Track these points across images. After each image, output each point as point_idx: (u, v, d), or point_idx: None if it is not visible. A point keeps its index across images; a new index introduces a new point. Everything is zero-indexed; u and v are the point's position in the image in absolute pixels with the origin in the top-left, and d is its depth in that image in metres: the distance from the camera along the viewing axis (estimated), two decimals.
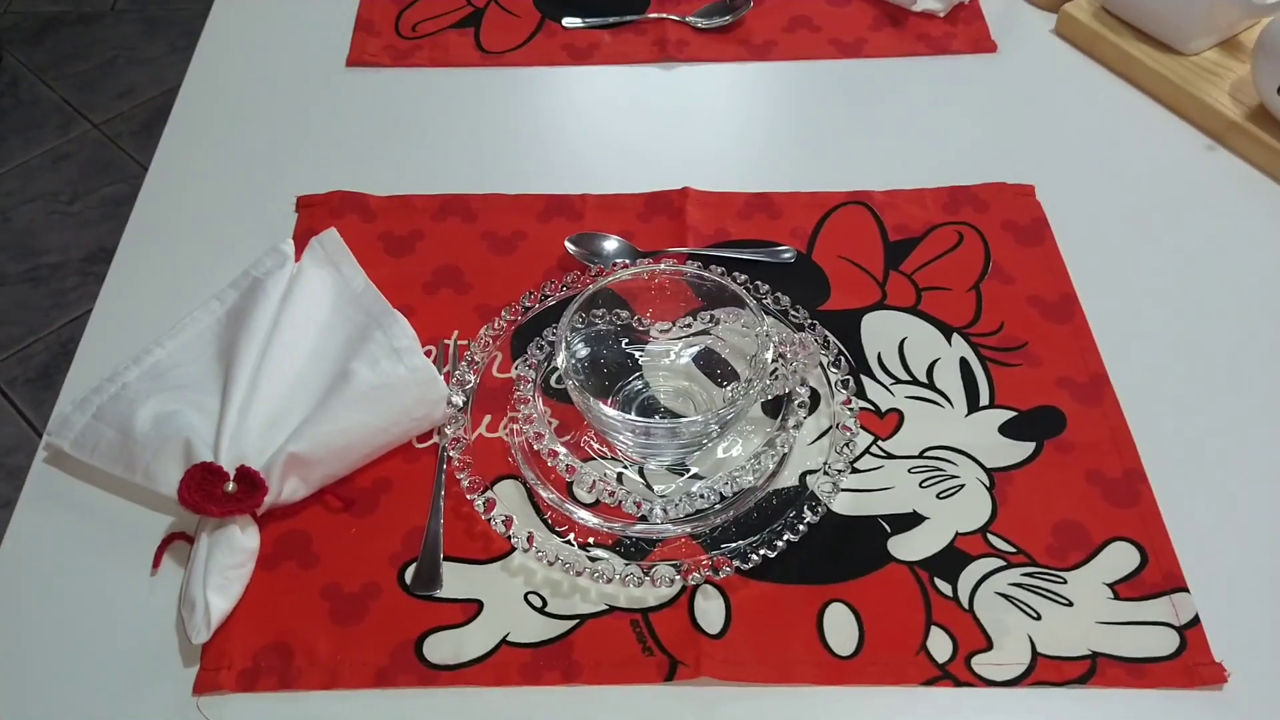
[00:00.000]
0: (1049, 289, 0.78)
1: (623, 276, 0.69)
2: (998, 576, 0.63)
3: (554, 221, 0.83)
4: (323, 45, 0.99)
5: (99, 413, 0.68)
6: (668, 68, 0.97)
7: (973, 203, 0.84)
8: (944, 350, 0.74)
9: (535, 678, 0.59)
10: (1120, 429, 0.70)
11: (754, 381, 0.64)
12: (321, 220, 0.83)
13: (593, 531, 0.65)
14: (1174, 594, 0.62)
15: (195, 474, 0.63)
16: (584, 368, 0.70)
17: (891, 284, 0.79)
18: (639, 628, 0.61)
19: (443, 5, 1.03)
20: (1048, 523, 0.65)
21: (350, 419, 0.66)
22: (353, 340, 0.72)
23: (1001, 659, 0.60)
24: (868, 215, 0.83)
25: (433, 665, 0.60)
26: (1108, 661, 0.59)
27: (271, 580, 0.63)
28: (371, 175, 0.87)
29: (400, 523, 0.66)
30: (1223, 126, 0.88)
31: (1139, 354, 0.74)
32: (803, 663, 0.60)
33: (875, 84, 0.95)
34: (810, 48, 0.99)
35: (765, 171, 0.87)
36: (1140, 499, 0.66)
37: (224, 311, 0.75)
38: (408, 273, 0.79)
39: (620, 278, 0.69)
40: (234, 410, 0.67)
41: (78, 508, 0.67)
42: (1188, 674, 0.59)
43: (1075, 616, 0.61)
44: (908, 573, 0.63)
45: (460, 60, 0.98)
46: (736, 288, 0.68)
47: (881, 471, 0.68)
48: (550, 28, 1.01)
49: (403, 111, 0.93)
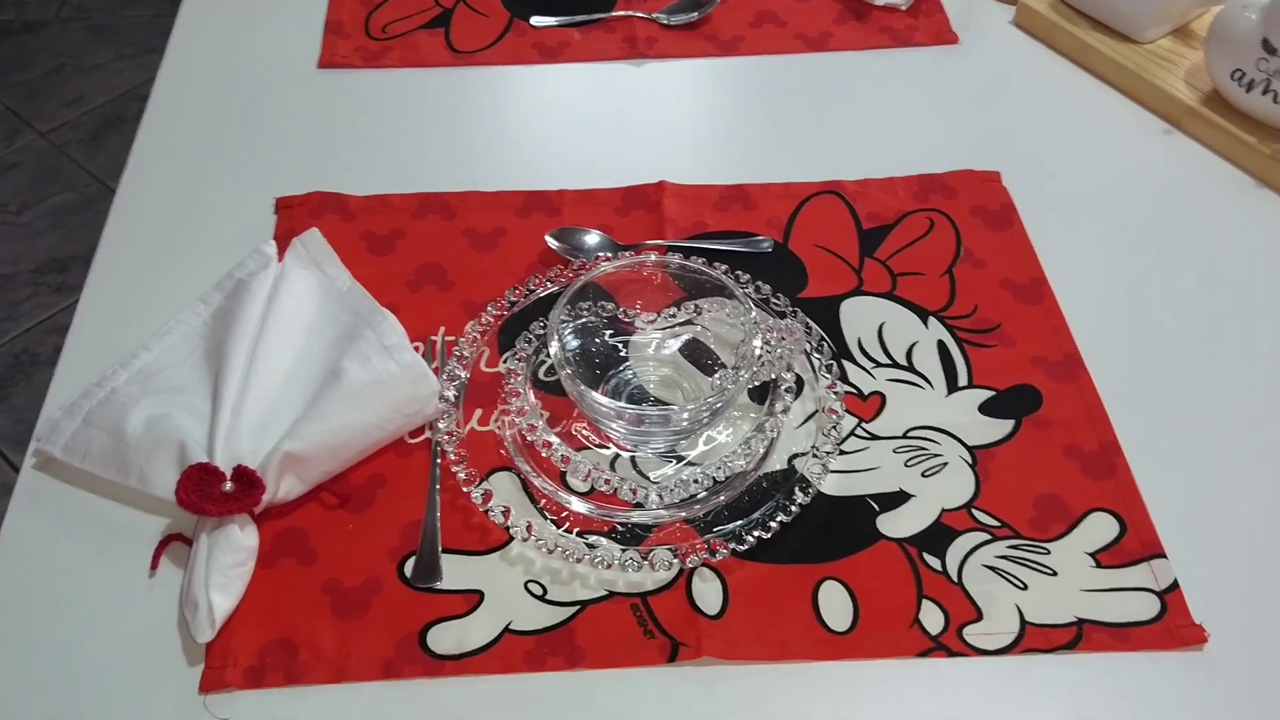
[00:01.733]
0: (1019, 272, 0.80)
1: (608, 270, 0.70)
2: (984, 550, 0.65)
3: (533, 217, 0.84)
4: (293, 48, 0.99)
5: (89, 417, 0.68)
6: (638, 64, 0.98)
7: (942, 190, 0.86)
8: (921, 333, 0.76)
9: (539, 664, 0.60)
10: (1094, 404, 0.72)
11: (743, 369, 0.65)
12: (301, 221, 0.83)
13: (589, 519, 0.66)
14: (1153, 560, 0.64)
15: (192, 475, 0.63)
16: (574, 359, 0.71)
17: (867, 270, 0.80)
18: (639, 611, 0.62)
19: (412, 6, 1.04)
20: (1029, 496, 0.68)
21: (344, 416, 0.67)
22: (341, 339, 0.73)
23: (992, 629, 0.62)
24: (841, 204, 0.85)
25: (438, 655, 0.61)
26: (1093, 627, 0.62)
27: (272, 578, 0.64)
28: (349, 176, 0.87)
29: (397, 517, 0.66)
30: (1179, 112, 0.91)
31: (1108, 332, 0.76)
32: (800, 639, 0.61)
33: (841, 77, 0.97)
34: (777, 42, 1.01)
35: (739, 164, 0.89)
36: (1117, 471, 0.69)
37: (209, 314, 0.76)
38: (390, 271, 0.80)
39: (606, 271, 0.70)
40: (226, 411, 0.67)
41: (71, 513, 0.67)
42: (1169, 636, 0.61)
43: (1060, 585, 0.63)
44: (897, 549, 0.65)
45: (432, 60, 0.98)
46: (723, 278, 0.69)
47: (867, 452, 0.70)
48: (520, 27, 1.02)
49: (377, 112, 0.93)
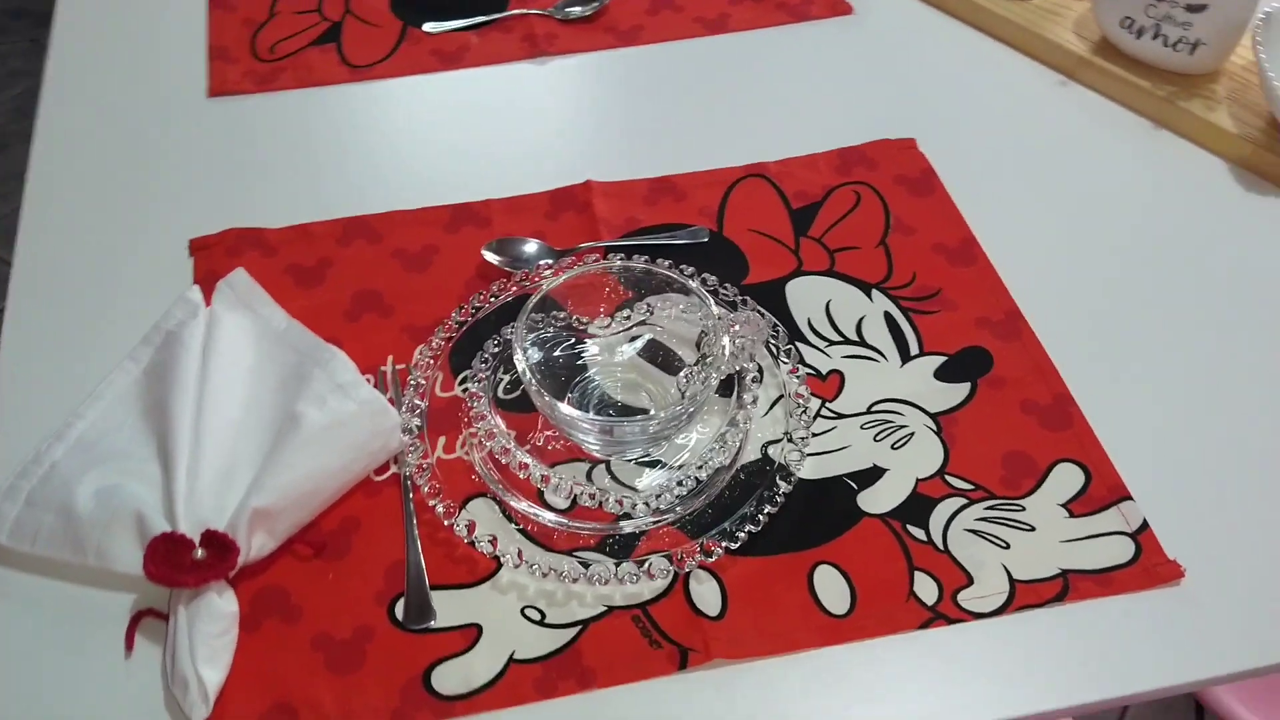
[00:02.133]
0: (949, 236, 0.82)
1: (564, 279, 0.69)
2: (963, 514, 0.67)
3: (463, 231, 0.82)
4: (178, 78, 0.95)
5: (32, 498, 0.64)
6: (541, 63, 0.97)
7: (863, 162, 0.87)
8: (867, 307, 0.77)
9: (551, 690, 0.60)
10: (1042, 358, 0.74)
11: (713, 369, 0.65)
12: (220, 261, 0.79)
13: (576, 536, 0.65)
14: (1121, 504, 0.67)
15: (158, 546, 0.60)
16: (538, 374, 0.69)
17: (804, 250, 0.81)
18: (641, 623, 0.62)
19: (297, 23, 1.00)
20: (996, 456, 0.69)
21: (308, 463, 0.64)
22: (287, 381, 0.70)
23: (984, 591, 0.63)
24: (767, 186, 0.86)
25: (446, 697, 0.59)
26: (1077, 576, 0.64)
27: (258, 642, 0.61)
28: (261, 208, 0.84)
29: (378, 560, 0.65)
30: (1072, 63, 0.94)
31: (1040, 286, 0.79)
32: (804, 628, 0.62)
33: (746, 56, 0.97)
34: (676, 28, 1.00)
35: (661, 155, 0.88)
36: (1073, 421, 0.71)
37: (141, 370, 0.72)
38: (324, 303, 0.77)
39: (560, 281, 0.69)
40: (181, 473, 0.64)
41: (25, 601, 0.63)
42: (1148, 575, 0.64)
43: (1040, 540, 0.65)
44: (881, 525, 0.66)
45: (327, 78, 0.95)
46: (679, 277, 0.69)
47: (836, 432, 0.71)
48: (414, 34, 0.99)
49: (279, 138, 0.90)
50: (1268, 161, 0.86)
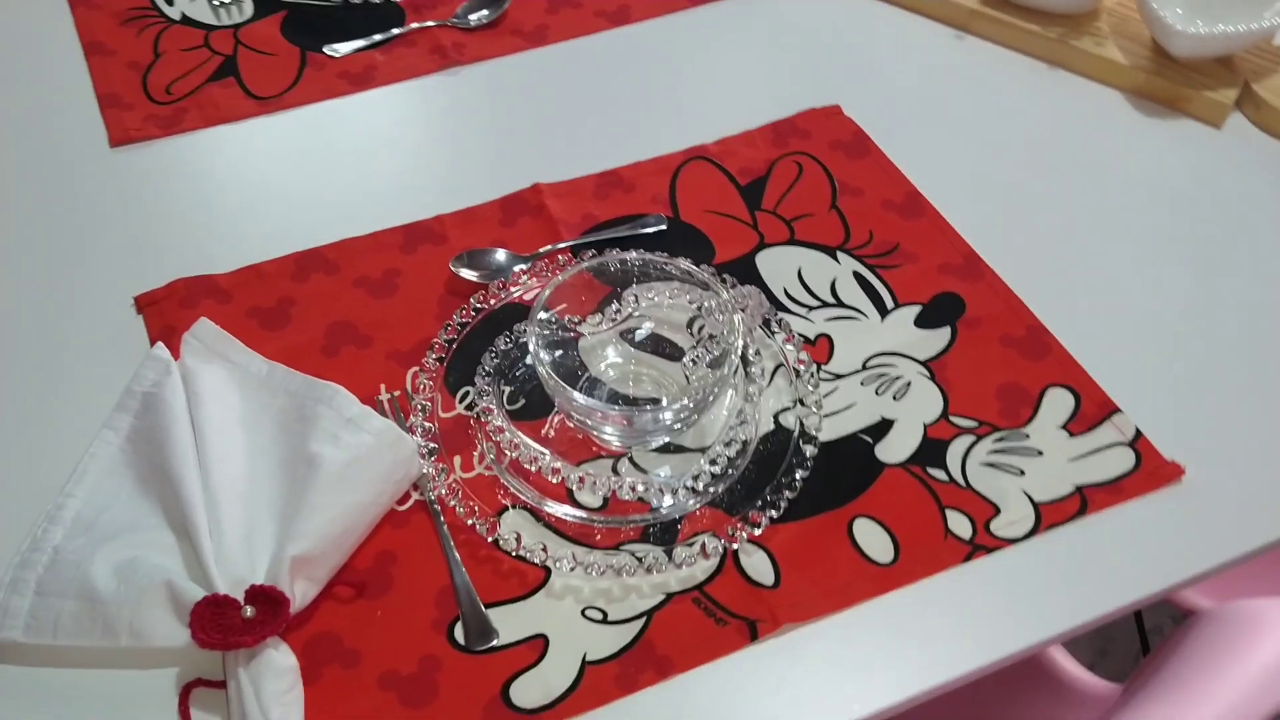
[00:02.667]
0: (894, 192, 0.85)
1: (562, 278, 0.69)
2: (975, 449, 0.70)
3: (421, 250, 0.81)
4: (75, 132, 0.89)
5: (42, 587, 0.60)
6: (454, 73, 0.96)
7: (795, 133, 0.90)
8: (836, 269, 0.80)
9: (632, 684, 0.59)
10: (1007, 294, 0.78)
11: (730, 344, 0.66)
12: (174, 314, 0.76)
13: (619, 532, 0.65)
14: (1113, 417, 0.71)
15: (204, 612, 0.57)
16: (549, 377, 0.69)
17: (762, 224, 0.83)
18: (703, 603, 0.63)
19: (187, 61, 0.96)
20: (990, 390, 0.73)
21: (336, 503, 0.62)
22: (287, 425, 0.68)
23: (1012, 517, 0.66)
24: (711, 167, 0.87)
25: (530, 711, 0.58)
26: (1091, 490, 0.67)
27: (322, 692, 0.59)
28: (199, 254, 0.80)
29: (424, 588, 0.63)
30: (964, 16, 0.99)
31: (989, 226, 0.83)
32: (857, 581, 0.63)
33: (655, 44, 0.99)
34: (580, 24, 1.00)
35: (601, 149, 0.88)
36: (1051, 348, 0.75)
37: (122, 439, 0.68)
38: (297, 343, 0.75)
39: (563, 279, 0.69)
40: (204, 536, 0.61)
41: (55, 698, 0.59)
42: (1153, 478, 0.68)
43: (1050, 462, 0.69)
44: (903, 472, 0.68)
45: (235, 114, 0.91)
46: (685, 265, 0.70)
47: (838, 393, 0.73)
48: (316, 59, 0.96)
49: (198, 181, 0.86)
50: (1158, 86, 0.92)
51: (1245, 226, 0.84)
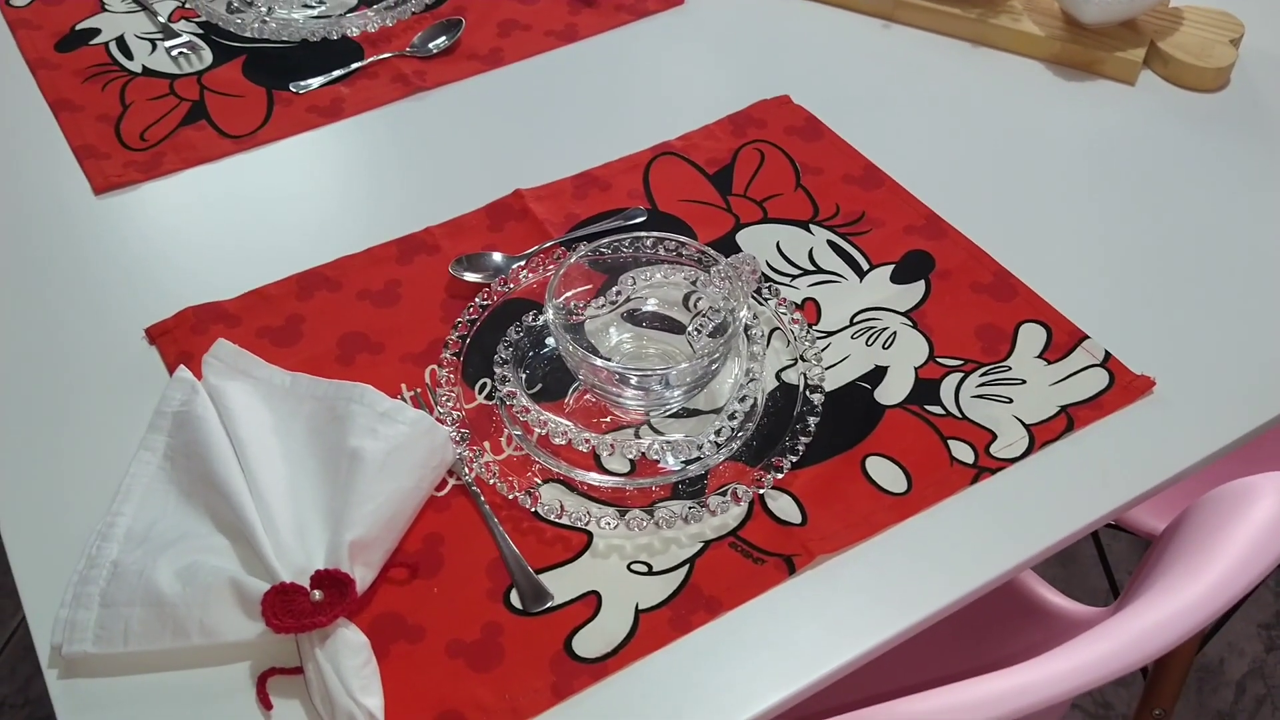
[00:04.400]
0: (852, 167, 0.91)
1: (569, 262, 0.73)
2: (965, 384, 0.75)
3: (416, 260, 0.84)
4: (58, 185, 0.91)
5: (106, 599, 0.62)
6: (419, 98, 1.00)
7: (752, 123, 0.96)
8: (811, 240, 0.85)
9: (685, 626, 0.63)
10: (970, 246, 0.84)
11: (738, 307, 0.71)
12: (187, 340, 0.78)
13: (650, 492, 0.69)
14: (1083, 343, 0.77)
15: (274, 601, 0.60)
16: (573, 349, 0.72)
17: (736, 207, 0.88)
18: (740, 546, 0.67)
19: (156, 109, 0.98)
20: (969, 332, 0.78)
21: (382, 490, 0.65)
22: (318, 428, 0.70)
23: (1008, 440, 0.72)
24: (679, 161, 0.92)
25: (595, 660, 0.62)
26: (1074, 408, 0.73)
27: (394, 667, 0.61)
28: (202, 286, 0.82)
29: (474, 563, 0.66)
30: (889, 7, 1.06)
31: (943, 189, 0.89)
32: (879, 511, 0.68)
33: (606, 56, 1.04)
34: (532, 44, 1.05)
35: (573, 154, 0.93)
36: (1017, 290, 0.81)
37: (160, 458, 0.70)
38: (312, 356, 0.77)
39: (567, 265, 0.73)
40: (260, 534, 0.63)
41: (132, 705, 0.60)
42: (1128, 392, 0.74)
43: (1034, 389, 0.75)
44: (903, 412, 0.74)
45: (213, 153, 0.94)
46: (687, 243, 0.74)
47: (831, 348, 0.78)
48: (282, 97, 1.00)
49: (188, 217, 0.89)
50: (1074, 52, 1.00)
51: (1166, 166, 0.92)
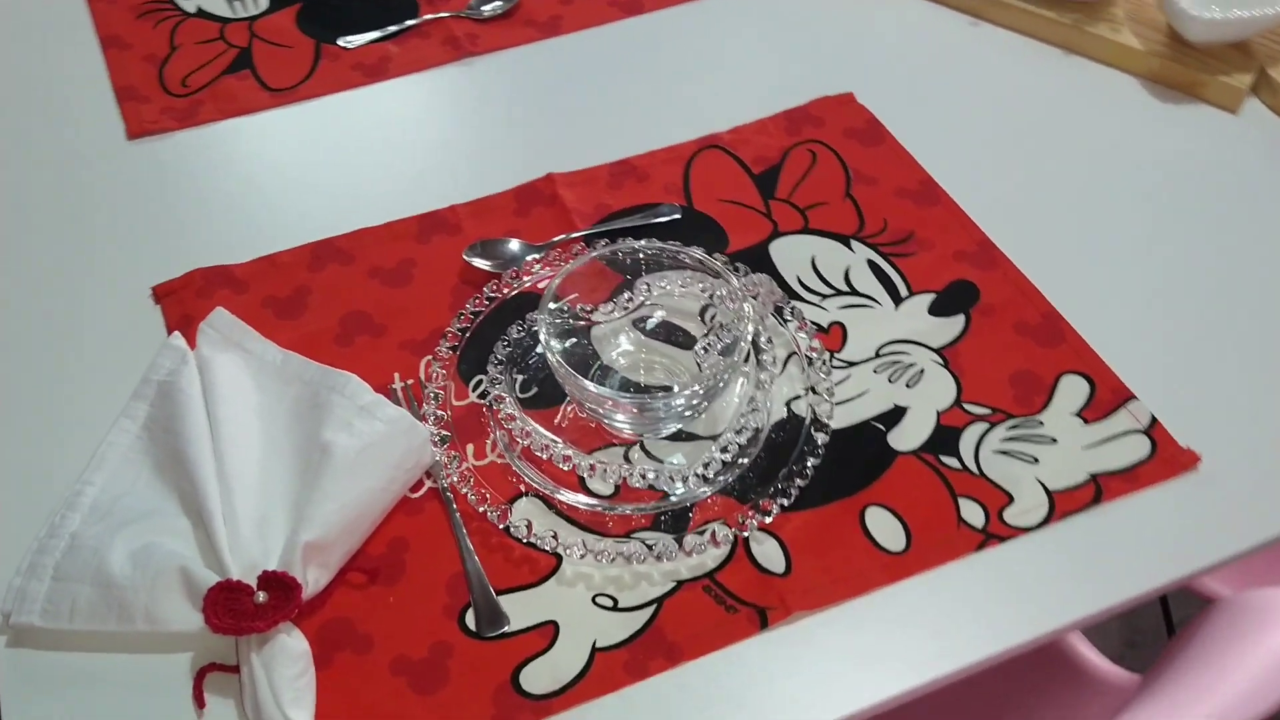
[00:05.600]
0: (908, 179, 0.85)
1: (571, 268, 0.69)
2: (989, 437, 0.69)
3: (435, 240, 0.81)
4: (94, 126, 0.90)
5: (59, 572, 0.61)
6: (468, 64, 0.96)
7: (809, 120, 0.90)
8: (850, 258, 0.79)
9: (641, 671, 0.60)
10: (1022, 281, 0.78)
11: (741, 330, 0.66)
12: (191, 304, 0.76)
13: (630, 520, 0.65)
14: (1128, 404, 0.71)
15: (217, 597, 0.58)
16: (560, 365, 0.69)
17: (776, 212, 0.83)
18: (713, 591, 0.63)
19: (202, 54, 0.96)
20: (1004, 378, 0.72)
21: (349, 490, 0.63)
22: (300, 413, 0.68)
23: (1026, 505, 0.66)
24: (724, 156, 0.87)
25: (540, 696, 0.59)
26: (1106, 478, 0.67)
27: (334, 677, 0.59)
28: (216, 244, 0.81)
29: (435, 575, 0.63)
30: (978, 3, 0.98)
31: (1004, 213, 0.82)
32: (869, 569, 0.63)
33: (668, 34, 0.98)
34: (594, 14, 1.00)
35: (614, 139, 0.88)
36: (1065, 335, 0.74)
37: (139, 427, 0.69)
38: (312, 331, 0.75)
39: (570, 269, 0.69)
40: (219, 522, 0.61)
41: (74, 682, 0.59)
42: (1168, 466, 0.68)
43: (1064, 450, 0.69)
44: (916, 460, 0.68)
45: (251, 106, 0.92)
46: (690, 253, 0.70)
47: (851, 380, 0.72)
48: (329, 51, 0.97)
49: (214, 172, 0.87)
50: (1174, 71, 0.91)
51: (1261, 212, 0.83)
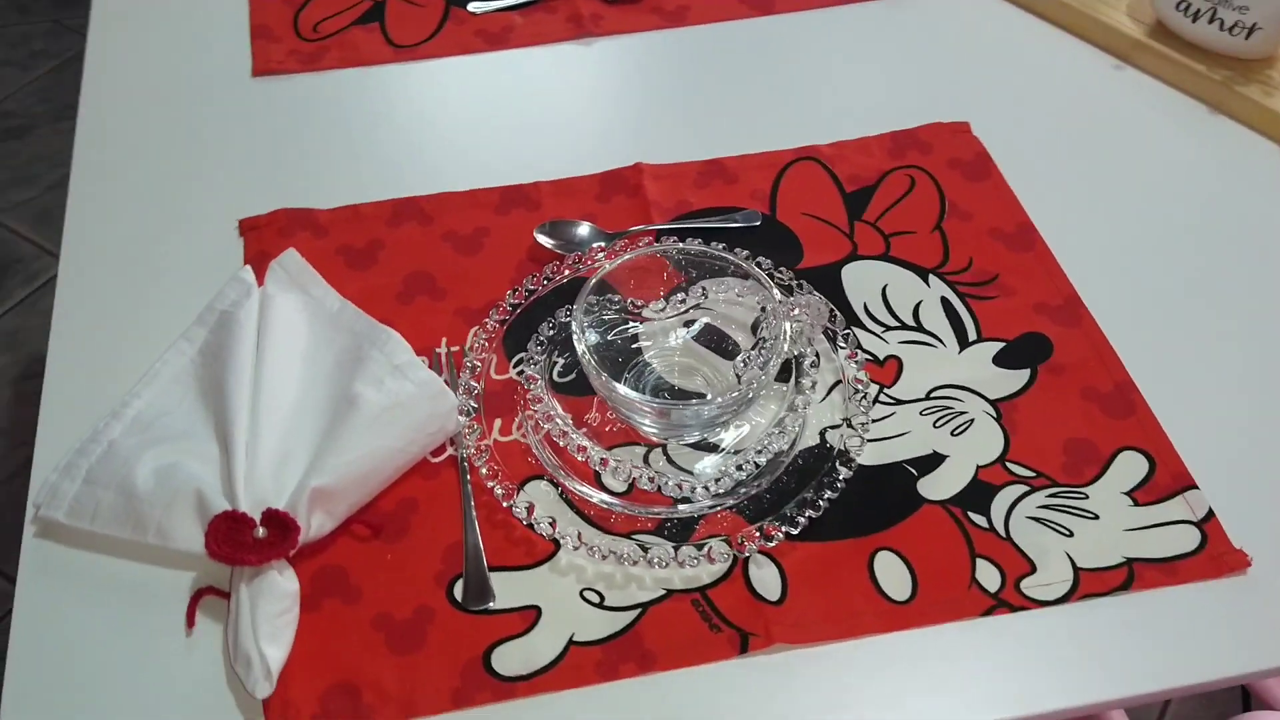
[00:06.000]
0: (1006, 220, 0.81)
1: (619, 262, 0.69)
2: (1025, 501, 0.66)
3: (513, 214, 0.82)
4: (223, 58, 0.94)
5: (90, 476, 0.64)
6: (586, 44, 0.96)
7: (916, 145, 0.86)
8: (924, 292, 0.77)
9: (611, 673, 0.59)
10: (1102, 344, 0.73)
11: (774, 350, 0.64)
12: (271, 242, 0.79)
13: (634, 519, 0.65)
14: (1186, 492, 0.66)
15: (220, 525, 0.60)
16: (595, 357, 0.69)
17: (859, 234, 0.80)
18: (701, 606, 0.62)
19: (340, 2, 0.99)
20: (1058, 443, 0.68)
21: (367, 444, 0.64)
22: (342, 363, 0.70)
23: (1047, 579, 0.62)
24: (820, 170, 0.85)
25: (506, 678, 0.59)
26: (1142, 565, 0.63)
27: (318, 621, 0.61)
28: (308, 188, 0.83)
29: (436, 541, 0.64)
30: (1127, 46, 0.93)
31: (1101, 270, 0.78)
32: (865, 614, 0.61)
33: (793, 38, 0.96)
34: (723, 9, 0.99)
35: (710, 137, 0.87)
36: (1136, 408, 0.70)
37: (195, 351, 0.72)
38: (376, 285, 0.77)
39: (618, 262, 0.68)
40: (240, 453, 0.64)
41: (85, 579, 0.63)
42: (1214, 564, 0.63)
43: (1104, 528, 0.65)
44: (942, 511, 0.65)
45: (372, 58, 0.95)
46: (740, 261, 0.68)
47: (895, 418, 0.70)
48: (458, 14, 0.99)
49: (324, 117, 0.90)
50: None
51: None
